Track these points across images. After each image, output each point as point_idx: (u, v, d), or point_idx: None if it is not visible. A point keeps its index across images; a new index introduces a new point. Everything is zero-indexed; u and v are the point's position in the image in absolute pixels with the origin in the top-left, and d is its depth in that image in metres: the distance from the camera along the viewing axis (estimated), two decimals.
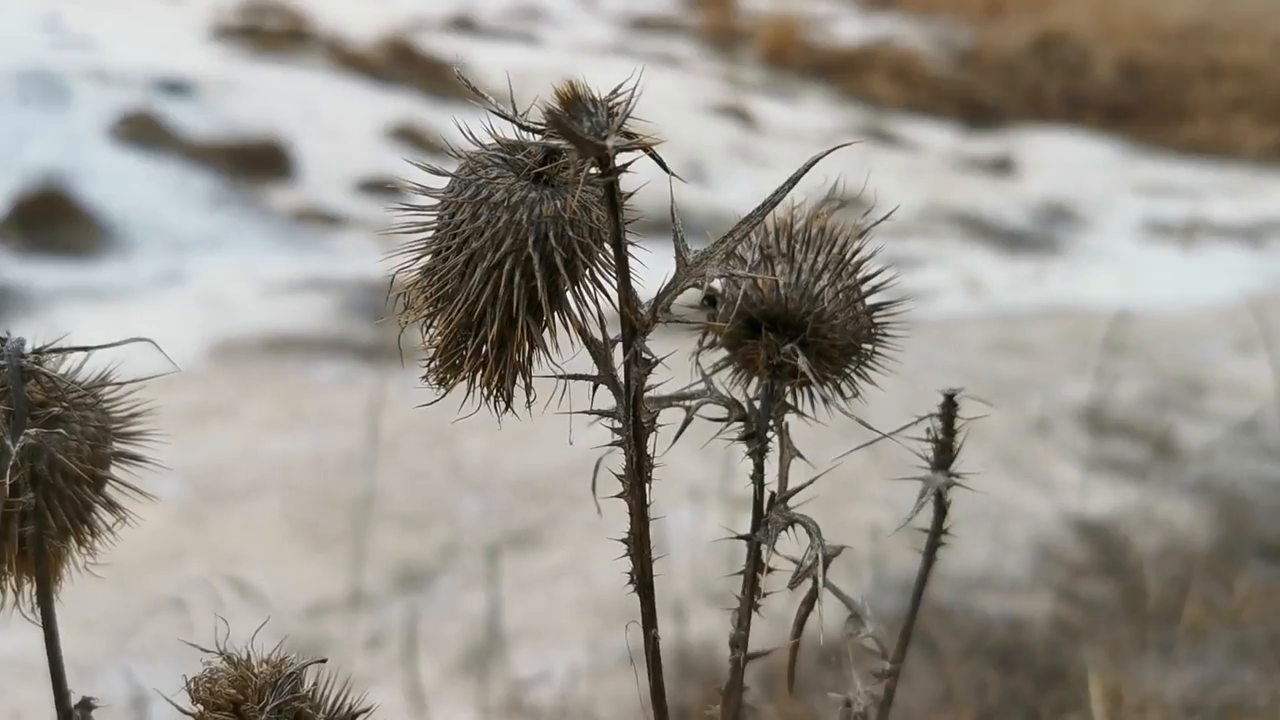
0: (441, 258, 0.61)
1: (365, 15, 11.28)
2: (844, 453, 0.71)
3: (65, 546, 0.68)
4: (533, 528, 4.20)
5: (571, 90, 0.52)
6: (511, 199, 0.59)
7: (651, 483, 0.58)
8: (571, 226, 0.58)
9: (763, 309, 0.68)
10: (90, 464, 0.66)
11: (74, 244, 6.44)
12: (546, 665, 3.37)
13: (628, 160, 0.54)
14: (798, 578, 0.62)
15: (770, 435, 0.68)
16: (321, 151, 7.88)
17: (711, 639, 3.41)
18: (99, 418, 0.69)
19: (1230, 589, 3.92)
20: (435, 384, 0.64)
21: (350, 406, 4.73)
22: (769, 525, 0.63)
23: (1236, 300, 7.00)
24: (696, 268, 0.57)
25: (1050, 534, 4.35)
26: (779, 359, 0.67)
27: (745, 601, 0.64)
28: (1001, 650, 3.59)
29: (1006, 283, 7.58)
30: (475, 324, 0.60)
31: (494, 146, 0.62)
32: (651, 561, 0.57)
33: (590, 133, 0.52)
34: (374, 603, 3.69)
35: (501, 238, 0.58)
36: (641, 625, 0.58)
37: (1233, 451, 5.01)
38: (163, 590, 3.67)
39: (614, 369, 0.60)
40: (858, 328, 0.69)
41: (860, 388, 0.75)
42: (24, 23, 9.20)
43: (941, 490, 0.75)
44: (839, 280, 0.69)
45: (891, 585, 3.83)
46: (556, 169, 0.59)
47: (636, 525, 0.57)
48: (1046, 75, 12.75)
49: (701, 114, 10.01)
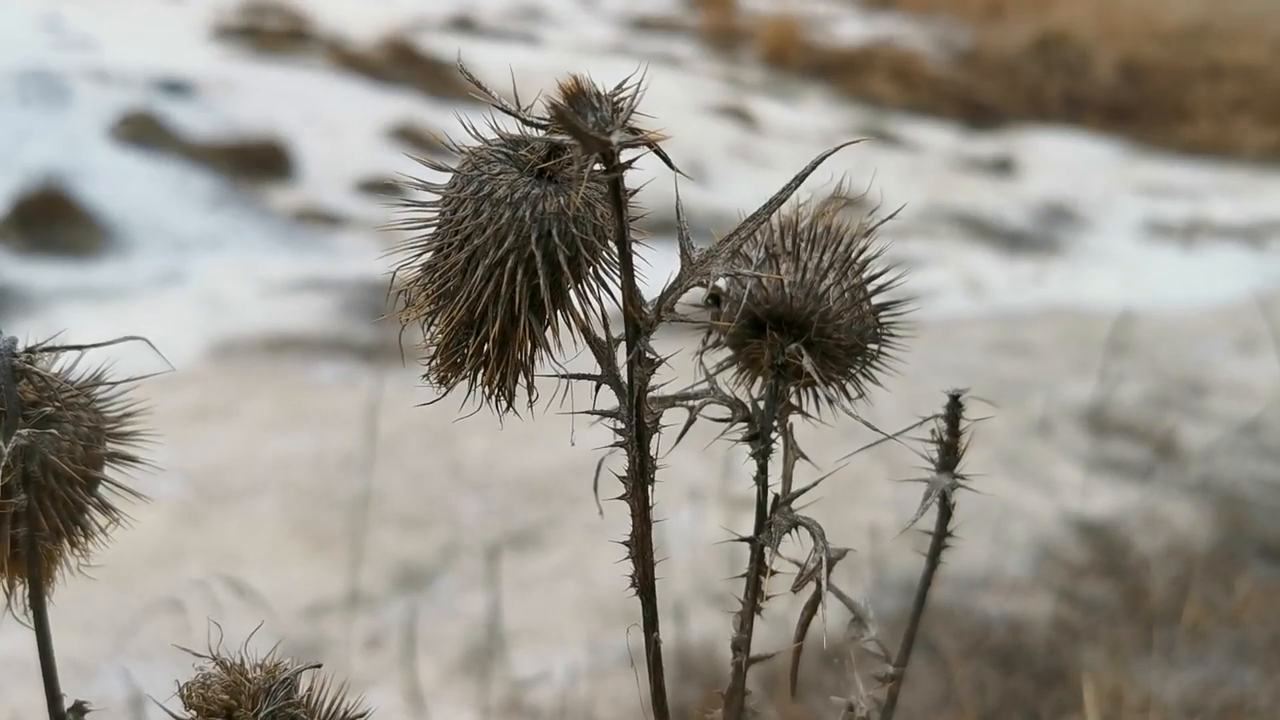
0: (443, 254, 0.60)
1: (366, 15, 11.27)
2: (848, 454, 0.70)
3: (58, 548, 0.67)
4: (533, 528, 4.19)
5: (576, 85, 0.51)
6: (514, 195, 0.57)
7: (654, 484, 0.57)
8: (575, 223, 0.57)
9: (767, 308, 0.67)
10: (83, 465, 0.66)
11: (74, 244, 6.43)
12: (546, 666, 3.36)
13: (633, 156, 0.53)
14: (801, 581, 0.61)
15: (774, 436, 0.67)
16: (322, 151, 7.87)
17: (712, 640, 3.41)
18: (92, 418, 0.68)
19: (1231, 590, 3.92)
20: (436, 383, 0.63)
21: (350, 406, 4.72)
22: (772, 528, 0.62)
23: (1237, 300, 6.99)
24: (701, 266, 0.56)
25: (1051, 534, 4.34)
26: (783, 359, 0.66)
27: (748, 604, 0.63)
28: (1002, 651, 3.58)
29: (1007, 283, 7.57)
30: (477, 322, 0.59)
31: (496, 142, 0.61)
32: (654, 565, 0.56)
33: (595, 128, 0.51)
34: (373, 603, 3.68)
35: (504, 234, 0.57)
36: (643, 628, 0.57)
37: (1233, 452, 5.00)
38: (162, 590, 3.67)
39: (617, 369, 0.59)
40: (863, 328, 0.68)
41: (864, 388, 0.74)
42: (24, 23, 9.19)
43: (946, 492, 0.74)
44: (844, 279, 0.68)
45: (892, 586, 3.82)
46: (560, 165, 0.58)
47: (639, 528, 0.56)
48: (1047, 75, 12.74)
49: (702, 114, 9.99)
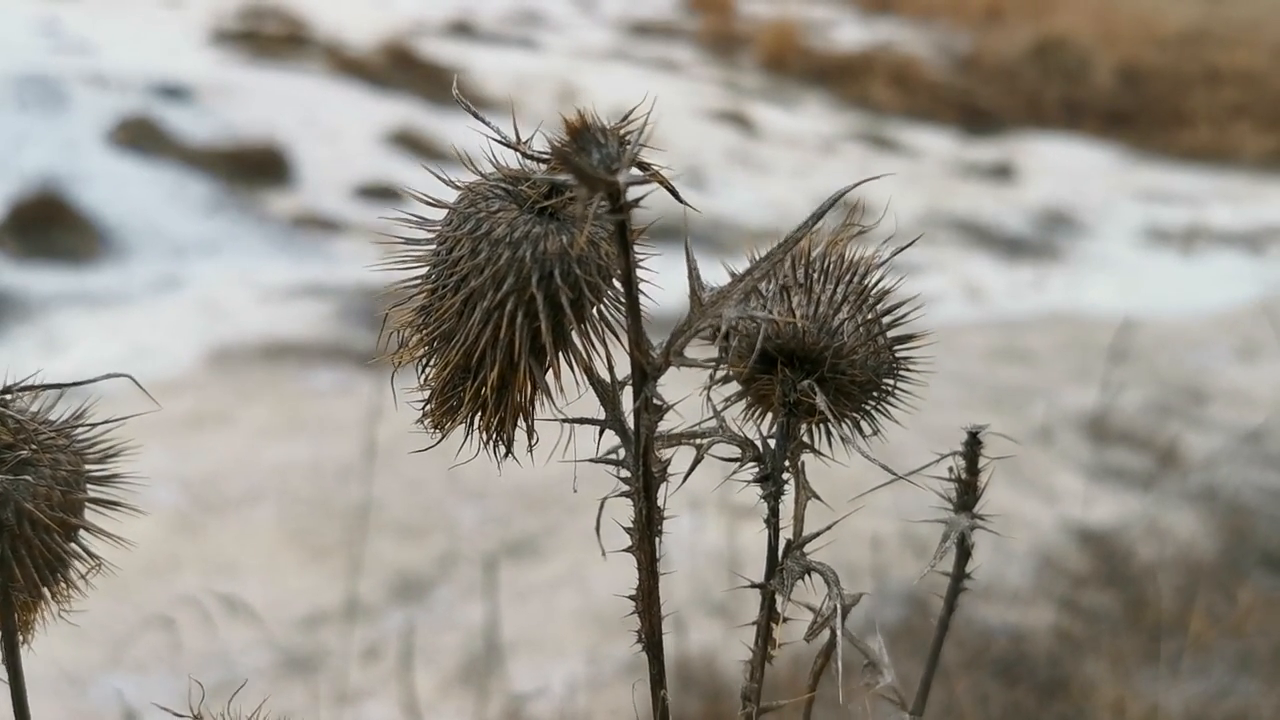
0: (438, 296, 0.58)
1: (364, 20, 11.26)
2: (862, 493, 0.68)
3: (36, 599, 0.65)
4: (531, 537, 4.17)
5: (580, 120, 0.48)
6: (514, 234, 0.55)
7: (662, 536, 0.55)
8: (579, 264, 0.55)
9: (778, 343, 0.64)
10: (62, 511, 0.63)
11: (71, 249, 6.41)
12: (544, 677, 3.34)
13: (640, 195, 0.51)
14: (815, 629, 0.58)
15: (785, 477, 0.64)
16: (320, 156, 7.85)
17: (711, 651, 3.38)
18: (72, 460, 0.65)
19: (1233, 600, 3.90)
20: (431, 428, 0.60)
21: (347, 413, 4.70)
22: (784, 573, 0.60)
23: (1237, 307, 6.98)
24: (713, 308, 0.54)
25: (1052, 544, 4.32)
26: (795, 396, 0.64)
27: (758, 652, 0.60)
28: (1004, 662, 3.56)
29: (1007, 289, 7.55)
30: (474, 367, 0.57)
31: (495, 176, 0.58)
32: (661, 619, 0.53)
33: (600, 166, 0.48)
34: (370, 613, 3.65)
35: (503, 276, 0.55)
36: (650, 686, 0.54)
37: (1235, 460, 4.98)
38: (158, 600, 3.64)
39: (622, 414, 0.56)
40: (878, 363, 0.66)
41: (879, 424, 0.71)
42: (23, 27, 9.18)
43: (965, 533, 0.72)
44: (859, 313, 0.65)
45: (892, 596, 3.80)
46: (563, 202, 0.55)
47: (645, 581, 0.53)
48: (1046, 81, 12.73)
49: (700, 119, 9.98)
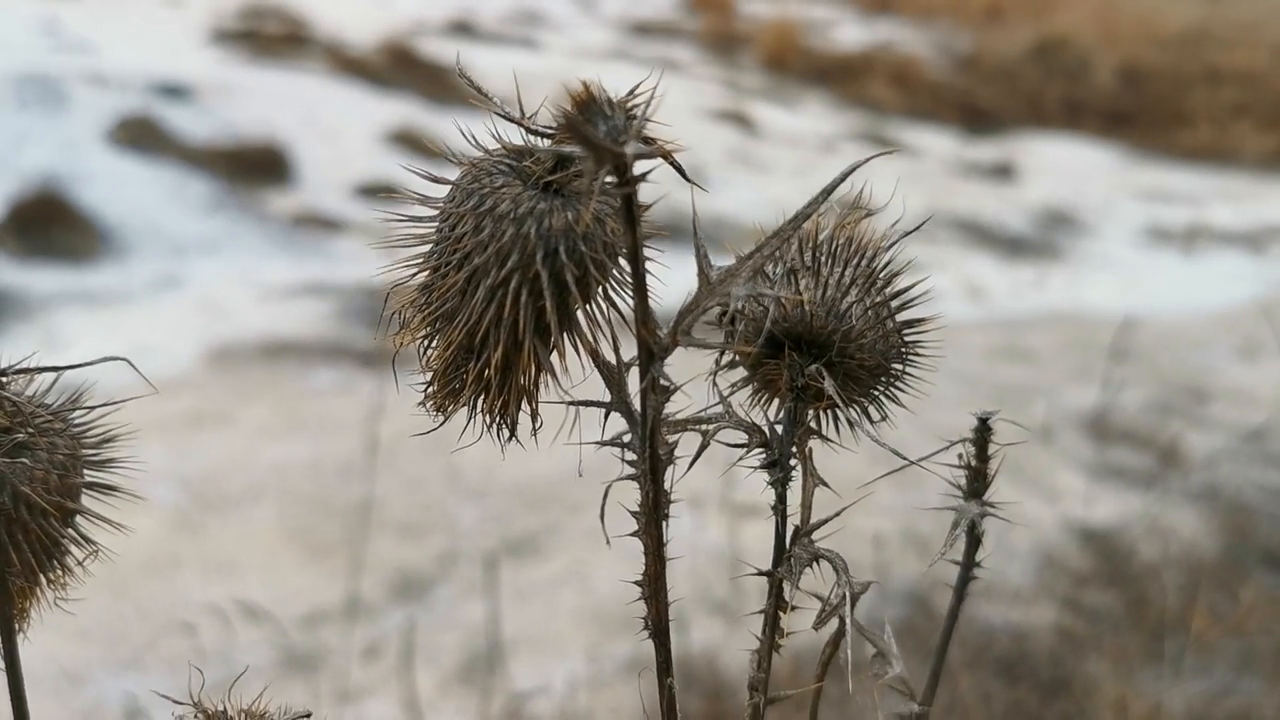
0: (440, 274, 0.56)
1: (364, 19, 11.25)
2: (870, 480, 0.67)
3: (33, 584, 0.64)
4: (532, 535, 4.16)
5: (586, 91, 0.47)
6: (518, 210, 0.54)
7: (669, 520, 0.54)
8: (584, 240, 0.54)
9: (785, 326, 0.63)
10: (59, 495, 0.62)
11: (71, 248, 6.40)
12: (546, 675, 3.33)
13: (646, 169, 0.50)
14: (823, 618, 0.57)
15: (792, 463, 0.63)
16: (320, 156, 7.84)
17: (713, 649, 3.38)
18: (69, 444, 0.64)
19: (1235, 598, 3.89)
20: (433, 410, 0.59)
21: (348, 412, 4.69)
22: (792, 561, 0.59)
23: (1238, 307, 6.97)
24: (721, 287, 0.53)
25: (1054, 543, 4.31)
26: (803, 381, 0.63)
27: (766, 642, 0.59)
28: (1006, 660, 3.55)
29: (1007, 288, 7.55)
30: (478, 347, 0.55)
31: (499, 152, 0.57)
32: (668, 606, 0.52)
33: (607, 138, 0.47)
34: (371, 612, 3.65)
35: (507, 253, 0.54)
36: (656, 673, 0.53)
37: (1237, 459, 4.98)
38: (158, 599, 3.64)
39: (628, 395, 0.55)
40: (887, 347, 0.65)
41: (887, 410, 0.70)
42: (22, 26, 9.17)
43: (975, 521, 0.71)
44: (868, 296, 0.64)
45: (895, 595, 3.79)
46: (568, 177, 0.54)
47: (652, 566, 0.52)
48: (1046, 81, 12.73)
49: (701, 119, 9.97)
